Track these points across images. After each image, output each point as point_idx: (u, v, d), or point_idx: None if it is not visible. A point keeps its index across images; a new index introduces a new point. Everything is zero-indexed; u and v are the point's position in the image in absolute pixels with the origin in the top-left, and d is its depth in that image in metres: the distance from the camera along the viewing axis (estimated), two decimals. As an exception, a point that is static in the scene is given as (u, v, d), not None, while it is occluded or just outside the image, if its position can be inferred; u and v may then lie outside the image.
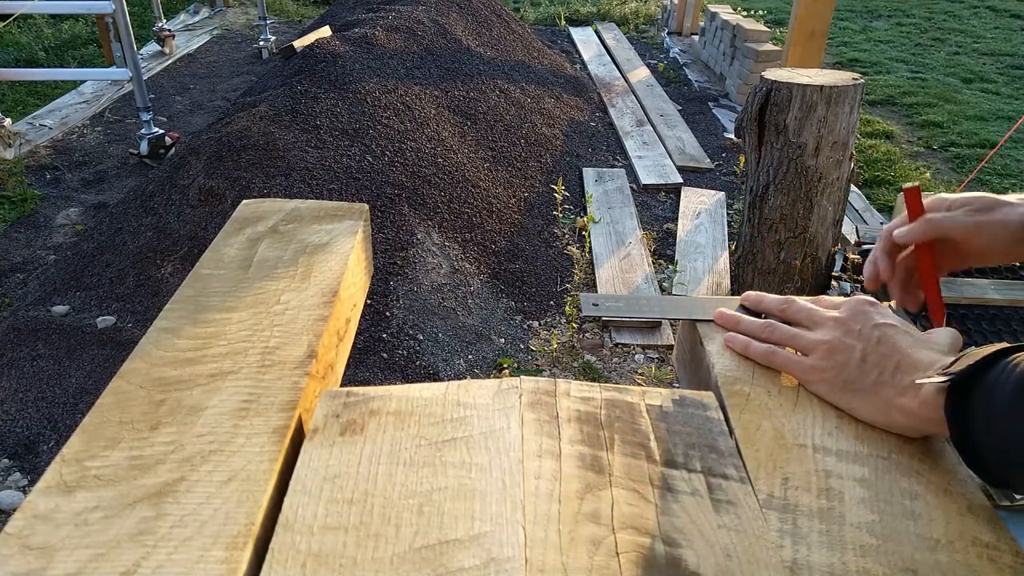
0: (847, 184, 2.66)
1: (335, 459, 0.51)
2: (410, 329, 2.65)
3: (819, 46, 3.87)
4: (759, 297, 0.69)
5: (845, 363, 0.59)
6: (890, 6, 8.69)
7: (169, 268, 2.79)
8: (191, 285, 0.68)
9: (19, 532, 0.44)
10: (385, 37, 4.19)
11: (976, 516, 0.49)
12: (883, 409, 0.56)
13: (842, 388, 0.58)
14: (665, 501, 0.48)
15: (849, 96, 2.46)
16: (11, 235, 3.51)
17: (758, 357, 0.63)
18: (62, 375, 2.45)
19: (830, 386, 0.59)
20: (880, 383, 0.57)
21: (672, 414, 0.57)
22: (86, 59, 6.05)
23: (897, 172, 4.43)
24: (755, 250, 2.79)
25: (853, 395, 0.58)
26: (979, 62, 6.60)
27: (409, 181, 3.21)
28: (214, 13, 7.62)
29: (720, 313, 0.67)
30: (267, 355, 0.59)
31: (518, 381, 0.59)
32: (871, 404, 0.57)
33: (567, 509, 0.47)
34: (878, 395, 0.56)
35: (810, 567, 0.45)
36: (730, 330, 0.66)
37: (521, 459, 0.51)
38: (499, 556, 0.44)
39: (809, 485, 0.51)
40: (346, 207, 0.81)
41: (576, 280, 3.18)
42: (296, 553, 0.44)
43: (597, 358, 2.77)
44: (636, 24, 7.70)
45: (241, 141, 3.13)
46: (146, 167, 4.15)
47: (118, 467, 0.48)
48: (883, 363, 0.58)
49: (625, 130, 4.77)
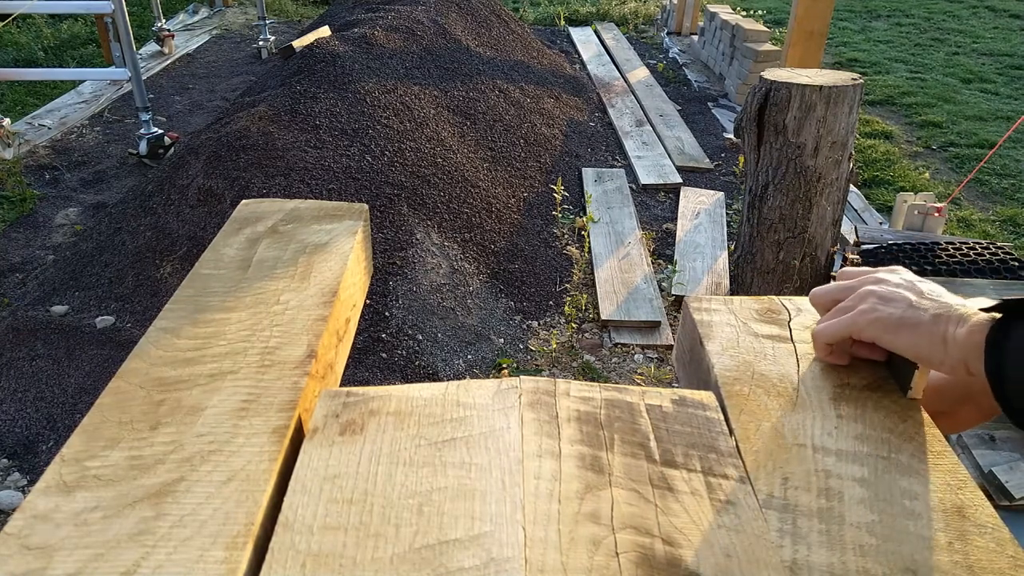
0: (846, 184, 2.66)
1: (335, 459, 0.51)
2: (409, 329, 2.65)
3: (818, 46, 3.87)
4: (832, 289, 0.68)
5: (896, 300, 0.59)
6: (889, 6, 8.69)
7: (168, 268, 2.79)
8: (190, 285, 0.68)
9: (19, 532, 0.44)
10: (384, 37, 4.19)
11: (976, 516, 0.49)
12: (939, 341, 0.57)
13: (898, 325, 0.59)
14: (665, 501, 0.48)
15: (848, 96, 2.46)
16: (10, 235, 3.51)
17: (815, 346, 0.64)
18: (61, 375, 2.45)
19: (885, 325, 0.59)
20: (938, 315, 0.57)
21: (672, 414, 0.57)
22: (85, 59, 6.05)
23: (896, 172, 4.44)
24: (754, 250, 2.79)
25: (911, 330, 0.58)
26: (978, 62, 6.60)
27: (408, 181, 3.21)
28: (213, 13, 7.62)
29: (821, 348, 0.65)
30: (267, 355, 0.59)
31: (518, 381, 0.59)
32: (928, 336, 0.57)
33: (567, 509, 0.47)
34: (936, 326, 0.57)
35: (810, 567, 0.45)
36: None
37: (521, 459, 0.51)
38: (499, 556, 0.44)
39: (809, 485, 0.51)
40: (346, 207, 0.81)
41: (575, 280, 3.18)
42: (296, 553, 0.44)
43: (596, 358, 2.77)
44: (635, 24, 7.70)
45: (240, 141, 3.13)
46: (145, 167, 4.15)
47: (118, 467, 0.48)
48: (937, 301, 0.59)
49: (624, 130, 4.77)
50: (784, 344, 0.66)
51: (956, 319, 0.56)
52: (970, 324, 0.55)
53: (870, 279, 0.63)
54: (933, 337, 0.57)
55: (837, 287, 0.66)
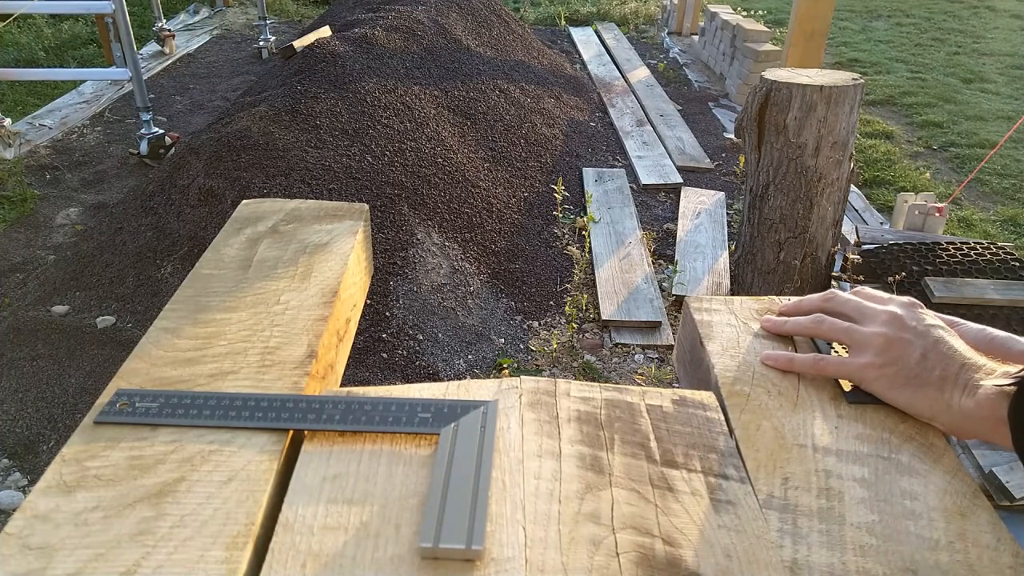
0: (847, 184, 2.66)
1: (335, 459, 0.51)
2: (410, 329, 2.65)
3: (819, 46, 3.87)
4: (796, 303, 0.67)
5: (902, 357, 0.57)
6: (890, 6, 8.69)
7: (169, 268, 2.79)
8: (191, 285, 0.68)
9: (19, 532, 0.44)
10: (385, 37, 4.19)
11: (976, 516, 0.49)
12: (944, 407, 0.55)
13: (903, 383, 0.57)
14: (665, 501, 0.49)
15: (849, 96, 2.46)
16: (11, 235, 3.51)
17: (806, 369, 0.61)
18: (62, 375, 2.45)
19: (890, 382, 0.58)
20: (944, 380, 0.56)
21: (672, 414, 0.57)
22: (86, 59, 6.05)
23: (897, 172, 4.43)
24: (755, 250, 2.79)
25: (915, 391, 0.57)
26: (979, 62, 6.60)
27: (409, 181, 3.21)
28: (214, 13, 7.62)
29: (767, 355, 0.64)
30: (267, 355, 0.59)
31: (518, 381, 0.59)
32: (932, 400, 0.56)
33: (567, 509, 0.47)
34: (942, 392, 0.56)
35: (810, 567, 0.45)
36: (781, 340, 0.65)
37: (521, 459, 0.51)
38: (499, 556, 0.44)
39: (809, 485, 0.51)
40: (346, 207, 0.81)
41: (576, 280, 3.18)
42: (296, 553, 0.44)
43: (597, 358, 2.77)
44: (636, 24, 7.70)
45: (241, 141, 3.13)
46: (146, 167, 4.15)
47: (118, 467, 0.48)
48: (945, 362, 0.57)
49: (625, 130, 4.77)
50: (784, 344, 0.66)
51: (963, 387, 0.55)
52: (978, 397, 0.54)
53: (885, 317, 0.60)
54: (935, 403, 0.56)
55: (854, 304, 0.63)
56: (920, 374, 0.57)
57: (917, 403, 0.57)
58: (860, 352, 0.60)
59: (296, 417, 0.52)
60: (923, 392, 0.56)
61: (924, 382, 0.56)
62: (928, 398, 0.56)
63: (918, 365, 0.57)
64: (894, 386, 0.57)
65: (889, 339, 0.58)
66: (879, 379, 0.58)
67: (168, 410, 0.52)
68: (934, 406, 0.56)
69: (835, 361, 0.61)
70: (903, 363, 0.57)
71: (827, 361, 0.61)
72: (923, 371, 0.57)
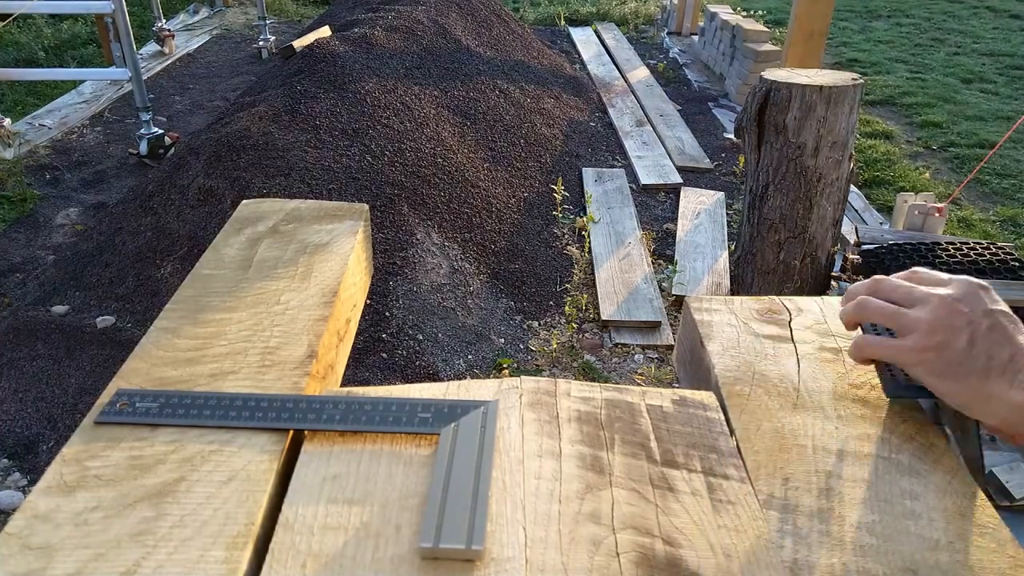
0: (846, 184, 2.66)
1: (335, 459, 0.51)
2: (410, 329, 2.65)
3: (819, 46, 3.87)
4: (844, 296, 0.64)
5: (947, 344, 0.54)
6: (890, 6, 8.69)
7: (168, 268, 2.79)
8: (191, 285, 0.68)
9: (19, 532, 0.44)
10: (385, 37, 4.19)
11: (976, 516, 0.49)
12: (986, 398, 0.52)
13: (944, 370, 0.54)
14: (665, 501, 0.48)
15: (848, 96, 2.46)
16: (10, 235, 3.51)
17: (851, 354, 0.59)
18: (62, 375, 2.45)
19: (931, 367, 0.54)
20: (990, 370, 0.52)
21: (672, 414, 0.57)
22: (85, 59, 6.05)
23: (896, 172, 4.43)
24: (754, 250, 2.79)
25: (955, 381, 0.53)
26: (978, 62, 6.60)
27: (409, 181, 3.21)
28: (214, 13, 7.62)
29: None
30: (267, 355, 0.59)
31: (518, 381, 0.59)
32: (974, 391, 0.53)
33: (567, 509, 0.47)
34: (985, 383, 0.52)
35: (810, 567, 0.45)
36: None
37: (521, 459, 0.51)
38: (499, 556, 0.44)
39: (809, 485, 0.51)
40: (346, 207, 0.81)
41: (576, 280, 3.18)
42: (296, 553, 0.44)
43: (597, 358, 2.77)
44: (636, 24, 7.70)
45: (240, 141, 3.13)
46: (145, 167, 4.15)
47: (118, 467, 0.48)
48: (994, 351, 0.53)
49: (625, 130, 4.77)
50: (785, 344, 0.66)
51: (1011, 378, 0.52)
52: None
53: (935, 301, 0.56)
54: (976, 393, 0.53)
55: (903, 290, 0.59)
56: (964, 361, 0.53)
57: (956, 393, 0.53)
58: (905, 336, 0.56)
59: (296, 417, 0.52)
60: (966, 381, 0.53)
61: (968, 370, 0.53)
62: (970, 388, 0.53)
63: (963, 352, 0.53)
64: (934, 372, 0.54)
65: (935, 324, 0.55)
66: (920, 364, 0.55)
67: (168, 410, 0.52)
68: (974, 398, 0.53)
69: (875, 340, 0.58)
70: (948, 349, 0.54)
71: (866, 340, 0.58)
72: (968, 358, 0.53)
